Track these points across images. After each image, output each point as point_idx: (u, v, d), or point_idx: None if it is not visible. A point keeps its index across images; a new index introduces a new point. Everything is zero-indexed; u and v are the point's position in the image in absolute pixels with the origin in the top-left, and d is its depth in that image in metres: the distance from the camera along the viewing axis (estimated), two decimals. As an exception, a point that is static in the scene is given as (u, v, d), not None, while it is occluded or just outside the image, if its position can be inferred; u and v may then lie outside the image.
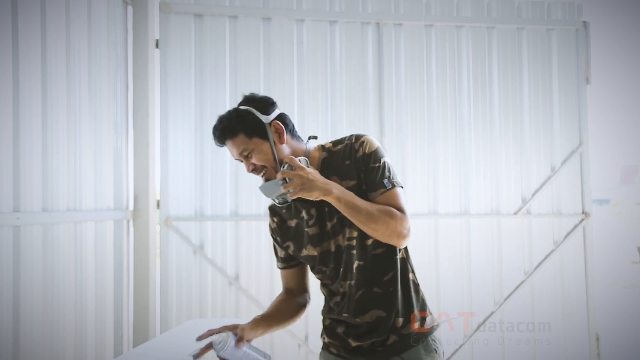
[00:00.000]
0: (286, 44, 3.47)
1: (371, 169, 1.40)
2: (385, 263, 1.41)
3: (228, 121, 1.43)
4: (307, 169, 1.33)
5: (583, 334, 3.65)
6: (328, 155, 1.47)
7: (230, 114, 1.45)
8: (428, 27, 3.64)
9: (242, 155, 1.44)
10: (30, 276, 2.25)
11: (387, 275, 1.41)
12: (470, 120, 3.64)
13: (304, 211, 1.47)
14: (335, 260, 1.44)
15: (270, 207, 1.58)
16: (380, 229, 1.33)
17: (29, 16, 2.29)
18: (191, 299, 3.32)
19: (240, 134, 1.41)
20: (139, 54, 3.25)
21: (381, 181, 1.38)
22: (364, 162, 1.40)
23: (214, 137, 1.47)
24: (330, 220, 1.43)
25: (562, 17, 3.75)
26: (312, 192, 1.31)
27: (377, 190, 1.38)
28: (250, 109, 1.43)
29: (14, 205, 2.19)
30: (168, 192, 3.34)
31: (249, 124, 1.41)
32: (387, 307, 1.40)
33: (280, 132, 1.43)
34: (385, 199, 1.37)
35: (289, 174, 1.32)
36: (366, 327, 1.41)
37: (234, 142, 1.43)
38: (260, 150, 1.42)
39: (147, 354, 2.07)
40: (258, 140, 1.42)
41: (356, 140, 1.43)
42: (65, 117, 2.53)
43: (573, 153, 3.71)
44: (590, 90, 3.77)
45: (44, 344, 2.32)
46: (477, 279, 3.56)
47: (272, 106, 1.47)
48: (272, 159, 1.42)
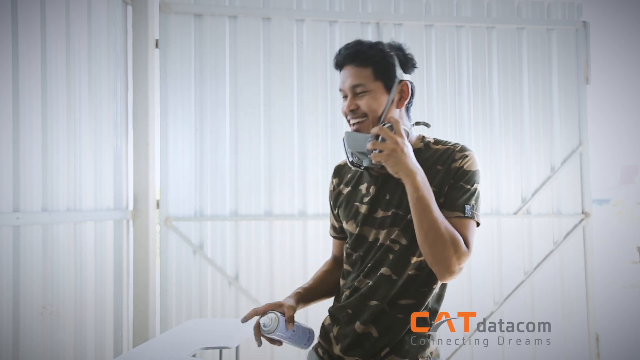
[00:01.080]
0: (286, 44, 3.47)
1: (459, 187, 1.24)
2: (414, 289, 1.27)
3: (367, 48, 1.28)
4: (405, 140, 1.21)
5: (583, 333, 3.65)
6: (424, 148, 1.32)
7: (374, 44, 1.29)
8: (428, 27, 3.64)
9: (353, 90, 1.28)
10: (30, 276, 2.25)
11: (406, 300, 1.26)
12: (470, 120, 3.65)
13: (365, 184, 1.34)
14: (366, 251, 1.31)
15: (335, 168, 1.46)
16: (437, 248, 1.18)
17: (29, 16, 2.29)
18: (191, 299, 3.32)
19: (370, 67, 1.26)
20: (139, 54, 3.25)
21: (463, 205, 1.23)
22: (455, 177, 1.24)
23: (338, 55, 1.31)
24: (385, 210, 1.29)
25: (562, 17, 3.76)
26: (397, 165, 1.18)
27: (454, 212, 1.22)
28: (394, 54, 1.29)
29: (13, 205, 2.19)
30: (168, 192, 3.34)
31: (384, 65, 1.27)
32: (384, 330, 1.26)
33: (404, 95, 1.30)
34: (458, 225, 1.21)
35: (387, 134, 1.19)
36: (353, 339, 1.28)
37: (357, 71, 1.27)
38: (375, 97, 1.26)
39: (147, 354, 2.08)
40: (381, 86, 1.27)
41: (460, 150, 1.27)
42: (65, 117, 2.53)
43: (573, 153, 3.72)
44: (590, 90, 3.77)
45: (43, 344, 2.32)
46: (477, 278, 3.56)
47: (412, 68, 1.33)
48: (380, 112, 1.26)
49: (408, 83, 1.30)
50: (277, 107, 3.44)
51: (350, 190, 1.38)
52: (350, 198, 1.37)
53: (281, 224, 3.42)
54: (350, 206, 1.36)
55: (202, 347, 2.20)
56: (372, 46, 1.29)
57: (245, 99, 3.41)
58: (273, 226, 3.41)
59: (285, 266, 3.40)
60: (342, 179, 1.43)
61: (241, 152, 3.40)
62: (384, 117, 1.27)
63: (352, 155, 1.28)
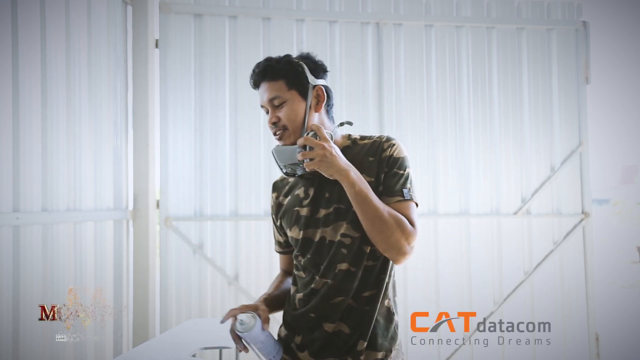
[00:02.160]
0: (286, 44, 3.47)
1: (394, 174, 1.31)
2: (373, 279, 1.30)
3: (275, 63, 1.35)
4: (331, 143, 1.25)
5: (583, 333, 3.65)
6: (352, 145, 1.38)
7: (281, 58, 1.36)
8: (428, 27, 3.64)
9: (272, 104, 1.35)
10: (30, 276, 2.25)
11: (368, 291, 1.30)
12: (470, 120, 3.65)
13: (302, 188, 1.39)
14: (315, 253, 1.33)
15: (273, 184, 1.51)
16: (385, 233, 1.23)
17: (29, 16, 2.29)
18: (191, 299, 3.32)
19: (282, 80, 1.33)
20: (139, 54, 3.25)
21: (400, 190, 1.29)
22: (388, 165, 1.31)
23: (252, 75, 1.38)
24: (327, 208, 1.33)
25: (562, 17, 3.76)
26: (330, 167, 1.22)
27: (394, 197, 1.29)
28: (302, 63, 1.35)
29: (13, 205, 2.19)
30: (168, 192, 3.34)
31: (295, 75, 1.34)
32: (354, 325, 1.29)
33: (320, 99, 1.36)
34: (399, 208, 1.27)
35: (312, 142, 1.23)
36: (322, 341, 1.29)
37: (270, 85, 1.34)
38: (292, 107, 1.33)
39: (146, 354, 2.08)
40: (296, 94, 1.34)
41: (386, 140, 1.34)
42: (65, 117, 2.53)
43: (573, 153, 3.72)
44: (590, 90, 3.78)
45: (43, 344, 2.32)
46: (477, 278, 3.56)
47: (323, 73, 1.40)
48: (300, 120, 1.33)
49: (322, 87, 1.36)
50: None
51: (290, 199, 1.42)
52: (290, 206, 1.40)
53: (281, 224, 3.41)
54: (291, 213, 1.39)
55: (202, 347, 2.20)
56: (280, 60, 1.36)
57: (245, 99, 3.41)
58: (273, 226, 3.40)
59: (285, 266, 3.39)
60: (280, 192, 1.47)
61: (241, 152, 3.40)
62: (306, 122, 1.32)
63: (285, 168, 1.33)
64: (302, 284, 1.37)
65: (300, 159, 1.25)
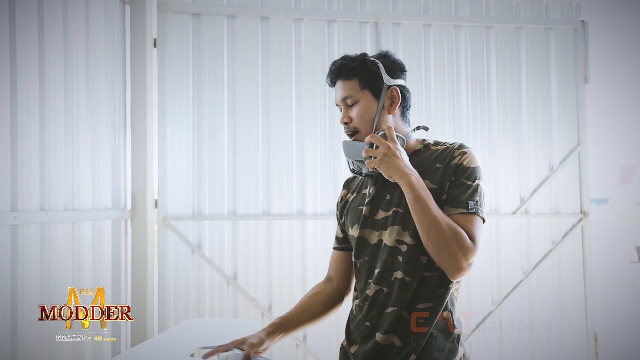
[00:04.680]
0: (284, 43, 3.47)
1: (460, 184, 1.24)
2: (430, 291, 1.24)
3: (350, 61, 1.33)
4: (398, 145, 1.22)
5: (581, 333, 3.65)
6: (423, 149, 1.34)
7: (357, 57, 1.35)
8: (426, 26, 3.64)
9: (344, 102, 1.33)
10: (28, 276, 2.25)
11: (423, 304, 1.23)
12: (469, 119, 3.64)
13: (368, 188, 1.35)
14: (372, 255, 1.30)
15: (345, 181, 1.50)
16: (441, 247, 1.17)
17: (27, 16, 2.28)
18: (189, 299, 3.31)
19: (355, 79, 1.31)
20: (137, 53, 3.24)
21: (466, 201, 1.23)
22: (456, 173, 1.25)
23: (329, 73, 1.37)
24: (386, 210, 1.29)
25: (561, 16, 3.76)
26: (390, 168, 1.19)
27: (457, 208, 1.23)
28: (378, 62, 1.33)
29: (11, 205, 2.18)
30: (166, 191, 3.34)
31: (369, 74, 1.31)
32: (406, 338, 1.23)
33: (394, 101, 1.32)
34: (461, 221, 1.21)
35: (378, 141, 1.21)
36: (373, 352, 1.25)
37: (344, 84, 1.33)
38: (364, 107, 1.31)
39: (145, 354, 2.07)
40: (369, 94, 1.31)
41: (458, 148, 1.29)
42: (62, 117, 2.52)
43: (571, 152, 3.72)
44: (589, 89, 3.77)
45: (41, 344, 2.32)
46: (475, 278, 3.56)
47: (401, 73, 1.37)
48: (371, 120, 1.30)
49: (397, 88, 1.33)
50: (276, 107, 3.44)
51: (356, 196, 1.41)
52: (356, 203, 1.39)
53: (279, 224, 3.41)
54: (354, 210, 1.37)
55: (200, 347, 2.18)
56: (355, 58, 1.35)
57: (244, 98, 3.40)
58: (271, 226, 3.40)
59: (284, 265, 3.39)
60: (349, 189, 1.46)
61: (239, 152, 3.40)
62: (376, 123, 1.30)
63: (352, 164, 1.32)
64: (359, 290, 1.34)
65: (364, 156, 1.24)
